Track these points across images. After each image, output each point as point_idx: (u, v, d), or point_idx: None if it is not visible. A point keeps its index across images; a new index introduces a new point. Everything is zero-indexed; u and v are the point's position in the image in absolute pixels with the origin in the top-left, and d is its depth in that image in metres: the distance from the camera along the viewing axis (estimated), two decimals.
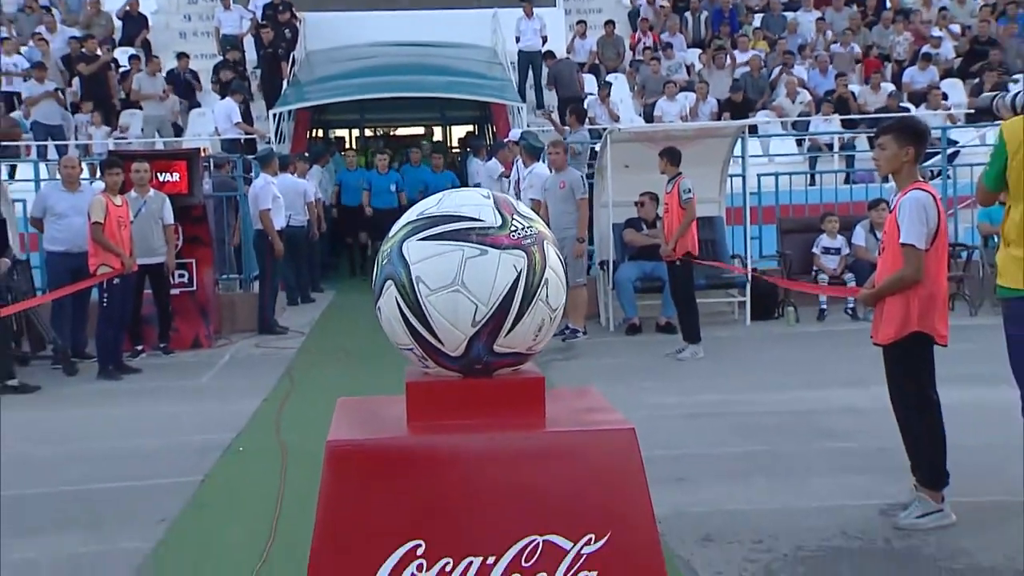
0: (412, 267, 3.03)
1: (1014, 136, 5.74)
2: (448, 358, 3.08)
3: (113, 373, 12.16)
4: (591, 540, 2.91)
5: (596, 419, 3.20)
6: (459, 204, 3.13)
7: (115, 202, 12.36)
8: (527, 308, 3.03)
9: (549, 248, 3.15)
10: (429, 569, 2.86)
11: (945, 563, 5.87)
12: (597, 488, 2.98)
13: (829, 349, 12.38)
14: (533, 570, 2.89)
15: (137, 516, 7.10)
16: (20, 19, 23.10)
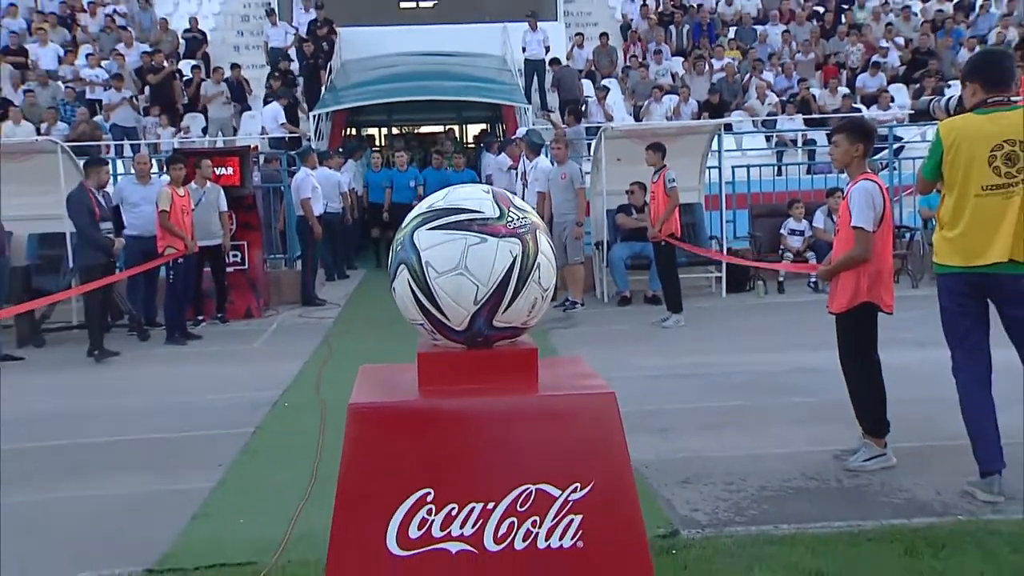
0: (422, 253, 3.03)
1: (948, 134, 5.75)
2: (453, 332, 3.08)
3: (178, 339, 12.33)
4: (577, 488, 2.91)
5: (582, 384, 3.18)
6: (463, 198, 3.13)
7: (179, 193, 12.48)
8: (522, 288, 3.03)
9: (541, 236, 3.14)
10: (437, 513, 2.86)
11: (887, 499, 5.97)
12: (582, 444, 2.97)
13: (792, 317, 12.42)
14: (527, 514, 2.89)
15: (200, 460, 7.25)
16: (101, 37, 23.21)
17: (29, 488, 6.82)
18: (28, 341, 12.35)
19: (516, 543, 2.89)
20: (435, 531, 2.86)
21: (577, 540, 2.90)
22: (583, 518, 2.91)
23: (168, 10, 25.11)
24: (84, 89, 21.36)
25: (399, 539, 2.85)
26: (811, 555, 5.05)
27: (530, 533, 2.89)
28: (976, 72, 5.86)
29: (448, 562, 2.86)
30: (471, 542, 2.87)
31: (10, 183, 12.10)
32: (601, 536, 2.90)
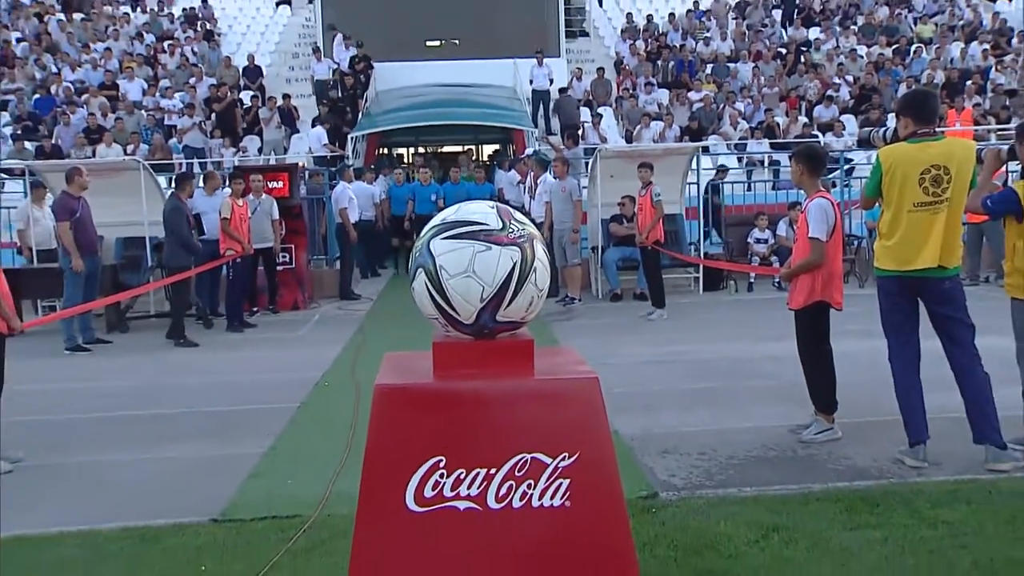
0: (437, 258, 3.05)
1: (887, 160, 5.80)
2: (463, 325, 3.10)
3: (237, 327, 12.39)
4: (566, 457, 2.94)
5: (571, 369, 3.19)
6: (471, 212, 3.15)
7: (238, 203, 12.51)
8: (520, 289, 3.05)
9: (537, 245, 3.16)
10: (448, 476, 2.91)
11: (833, 465, 6.01)
12: (570, 420, 2.99)
13: (758, 312, 12.39)
14: (523, 478, 2.92)
15: (254, 430, 7.30)
16: (177, 73, 23.37)
17: (113, 450, 6.94)
18: (115, 327, 12.45)
19: (514, 502, 2.92)
20: (446, 491, 2.90)
21: (565, 500, 2.93)
22: (571, 481, 2.94)
23: (232, 49, 25.24)
24: (163, 116, 21.49)
25: (416, 498, 2.89)
26: (769, 513, 5.10)
27: (526, 494, 2.93)
28: (908, 108, 5.91)
29: (457, 517, 2.90)
30: (476, 501, 2.91)
31: (101, 195, 12.18)
32: (586, 496, 2.93)
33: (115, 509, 5.61)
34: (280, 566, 4.57)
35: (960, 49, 24.44)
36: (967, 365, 5.82)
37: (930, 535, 4.76)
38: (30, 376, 8.91)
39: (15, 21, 26.01)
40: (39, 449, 6.90)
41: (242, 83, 23.27)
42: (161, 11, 26.86)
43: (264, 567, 4.54)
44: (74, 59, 23.85)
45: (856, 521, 4.96)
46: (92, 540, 5.11)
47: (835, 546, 4.65)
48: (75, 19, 26.02)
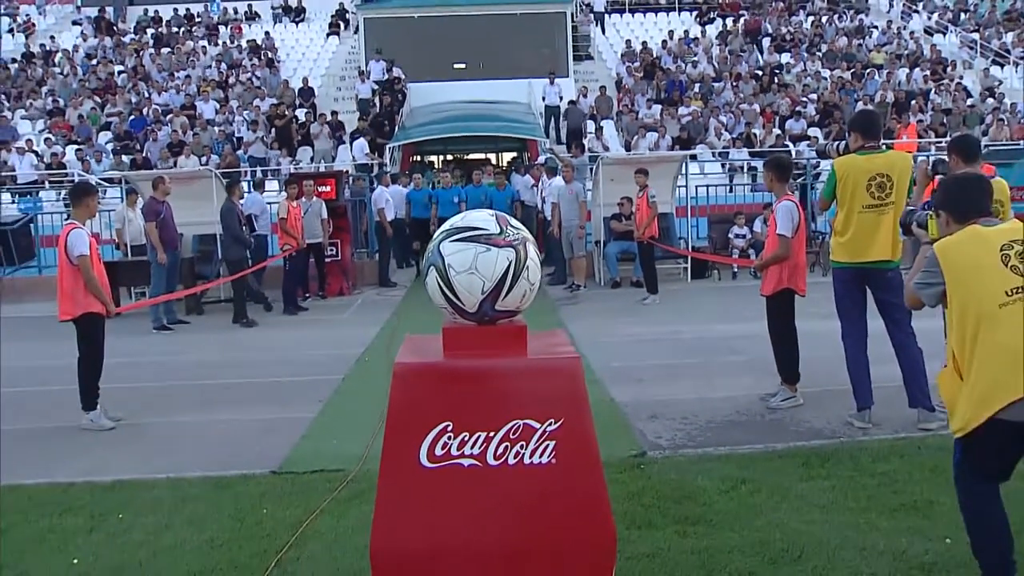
0: (445, 258, 3.07)
1: (841, 168, 5.84)
2: (467, 313, 3.12)
3: (292, 310, 12.44)
4: (552, 423, 2.97)
5: (558, 350, 3.20)
6: (474, 219, 3.17)
7: (293, 205, 12.58)
8: (515, 283, 3.06)
9: (530, 247, 3.16)
10: (455, 439, 2.96)
11: (794, 428, 6.07)
12: (556, 392, 3.02)
13: (737, 298, 12.22)
14: (517, 440, 2.96)
15: (306, 397, 7.36)
16: (243, 94, 23.40)
17: (192, 412, 7.08)
18: (192, 310, 12.58)
19: (509, 459, 2.97)
20: (452, 451, 2.96)
21: (552, 458, 2.97)
22: (556, 443, 2.98)
23: (289, 73, 25.27)
24: (232, 131, 21.61)
25: (428, 456, 2.95)
26: (738, 468, 5.17)
27: (519, 453, 2.97)
28: (857, 126, 5.96)
29: (461, 473, 2.95)
30: (478, 459, 2.96)
31: (181, 199, 12.28)
32: (568, 455, 2.97)
33: (194, 460, 5.76)
34: (327, 511, 4.68)
35: (906, 74, 24.31)
36: (905, 342, 5.88)
37: (870, 483, 4.85)
38: (125, 351, 9.03)
39: (117, 57, 26.26)
40: (134, 410, 7.06)
41: (297, 102, 23.29)
42: (232, 43, 27.00)
43: (314, 512, 4.64)
44: (161, 85, 24.04)
45: (811, 474, 5.03)
46: (177, 485, 5.26)
47: (792, 494, 4.72)
48: (163, 52, 26.22)
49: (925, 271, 3.50)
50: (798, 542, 4.09)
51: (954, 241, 3.43)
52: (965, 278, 3.34)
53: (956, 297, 3.36)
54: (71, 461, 5.85)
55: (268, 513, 4.71)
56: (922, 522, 4.29)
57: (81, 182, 8.52)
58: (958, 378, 3.38)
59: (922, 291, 3.50)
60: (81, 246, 6.44)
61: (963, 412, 3.32)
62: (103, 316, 6.65)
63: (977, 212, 3.49)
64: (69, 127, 22.24)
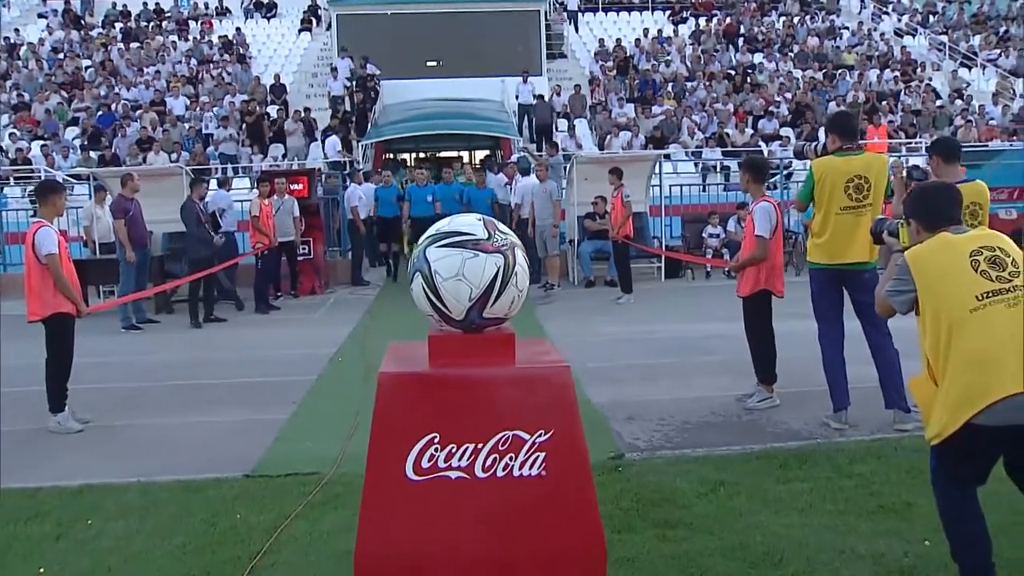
0: (431, 264, 3.01)
1: (818, 170, 5.84)
2: (454, 321, 3.06)
3: (263, 309, 12.31)
4: (542, 434, 2.91)
5: (546, 359, 3.14)
6: (461, 224, 3.11)
7: (265, 203, 12.43)
8: (504, 290, 3.00)
9: (518, 252, 3.11)
10: (442, 450, 2.89)
11: (771, 429, 6.05)
12: (546, 402, 2.96)
13: (711, 297, 12.30)
14: (506, 452, 2.91)
15: (279, 398, 7.24)
16: (214, 90, 23.13)
17: (163, 414, 6.96)
18: (162, 309, 12.40)
19: (497, 472, 2.91)
20: (440, 463, 2.89)
21: (541, 470, 2.92)
22: (546, 455, 2.92)
23: (260, 70, 24.99)
24: (201, 127, 21.35)
25: (414, 468, 2.88)
26: (716, 470, 5.14)
27: (508, 465, 2.91)
28: (834, 127, 5.97)
29: (449, 485, 2.89)
30: (465, 471, 2.90)
31: (151, 196, 12.11)
32: (558, 467, 2.92)
33: (165, 463, 5.65)
34: (302, 516, 4.60)
35: (876, 75, 24.55)
36: (881, 343, 5.89)
37: (847, 484, 4.84)
38: (93, 350, 8.85)
39: (85, 51, 25.86)
40: (103, 412, 6.92)
41: (269, 99, 23.06)
42: (202, 39, 26.68)
43: (289, 517, 4.56)
44: (130, 80, 23.70)
45: (788, 476, 5.02)
46: (147, 489, 5.15)
47: (771, 497, 4.70)
48: (132, 47, 25.86)
49: (896, 279, 3.51)
50: (778, 546, 4.07)
51: (924, 249, 3.46)
52: (936, 285, 3.36)
53: (928, 304, 3.37)
54: (38, 465, 5.72)
55: (241, 518, 4.62)
56: (900, 524, 4.29)
57: (48, 180, 8.38)
58: (932, 384, 3.38)
59: (893, 298, 3.52)
60: (49, 245, 6.30)
61: (939, 418, 3.32)
62: (73, 316, 6.52)
63: (947, 220, 3.52)
64: (35, 122, 21.88)
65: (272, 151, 20.70)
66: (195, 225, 11.32)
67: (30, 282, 6.38)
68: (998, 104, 22.73)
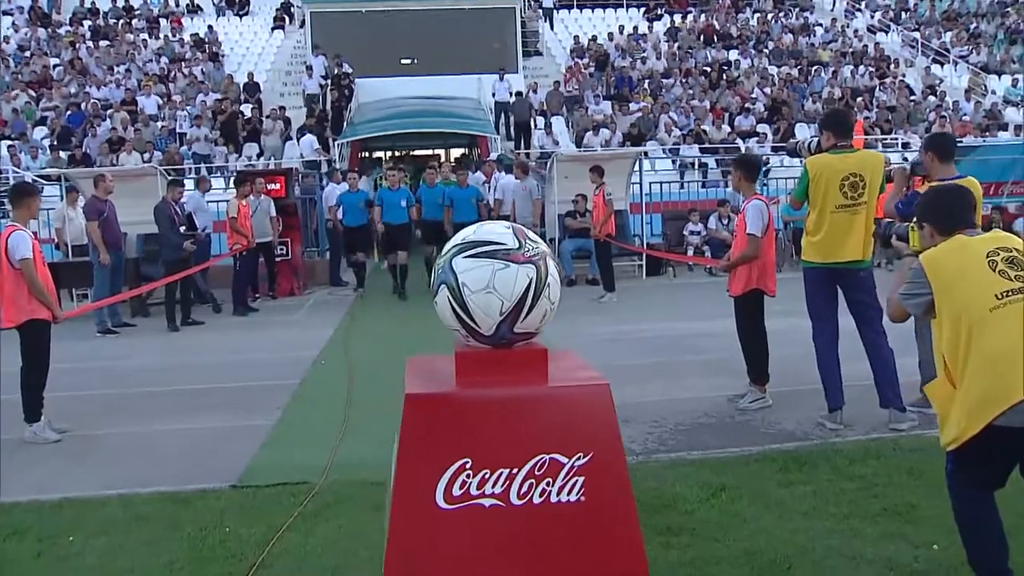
0: (459, 276, 2.89)
1: (813, 167, 5.77)
2: (483, 336, 2.95)
3: (242, 311, 12.06)
4: (580, 457, 2.80)
5: (583, 376, 3.02)
6: (489, 232, 2.99)
7: (243, 203, 12.22)
8: (536, 303, 2.90)
9: (550, 262, 3.00)
10: (474, 477, 2.76)
11: (766, 430, 5.98)
12: (584, 423, 2.84)
13: (694, 294, 12.28)
14: (542, 477, 2.79)
15: (263, 404, 7.09)
16: (186, 89, 22.76)
17: (143, 422, 6.76)
18: (138, 312, 12.14)
19: (534, 498, 2.78)
20: (472, 490, 2.76)
21: (580, 496, 2.80)
22: (585, 479, 2.81)
23: (233, 68, 24.65)
24: (175, 126, 21.04)
25: (445, 496, 2.74)
26: (715, 474, 5.05)
27: (545, 491, 2.79)
28: (830, 125, 5.90)
29: (482, 513, 2.76)
30: (500, 498, 2.77)
31: (124, 197, 11.86)
32: (599, 492, 2.80)
33: (148, 474, 5.48)
34: (293, 528, 4.46)
35: (851, 71, 24.68)
36: (876, 342, 5.84)
37: (849, 487, 4.77)
38: (69, 356, 8.65)
39: (53, 49, 25.39)
40: (81, 421, 6.72)
41: (242, 97, 22.77)
42: (173, 37, 26.29)
43: (280, 529, 4.42)
44: (100, 79, 23.30)
45: (789, 479, 4.94)
46: (130, 502, 4.98)
47: (773, 501, 4.62)
48: (101, 45, 25.43)
49: (911, 282, 3.45)
50: (785, 552, 3.99)
51: (940, 251, 3.42)
52: (955, 286, 3.31)
53: (946, 306, 3.32)
54: (15, 478, 5.52)
55: (231, 531, 4.46)
56: (906, 527, 4.22)
57: (21, 182, 8.13)
58: (950, 387, 3.32)
59: (908, 302, 3.46)
60: (23, 249, 6.10)
61: (957, 421, 3.25)
62: (49, 322, 6.32)
63: (962, 223, 3.48)
64: (2, 122, 21.44)
65: (247, 150, 20.42)
66: (168, 227, 11.08)
67: (3, 288, 6.17)
68: (971, 100, 22.93)
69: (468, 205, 13.16)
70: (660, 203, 16.12)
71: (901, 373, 5.88)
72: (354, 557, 4.07)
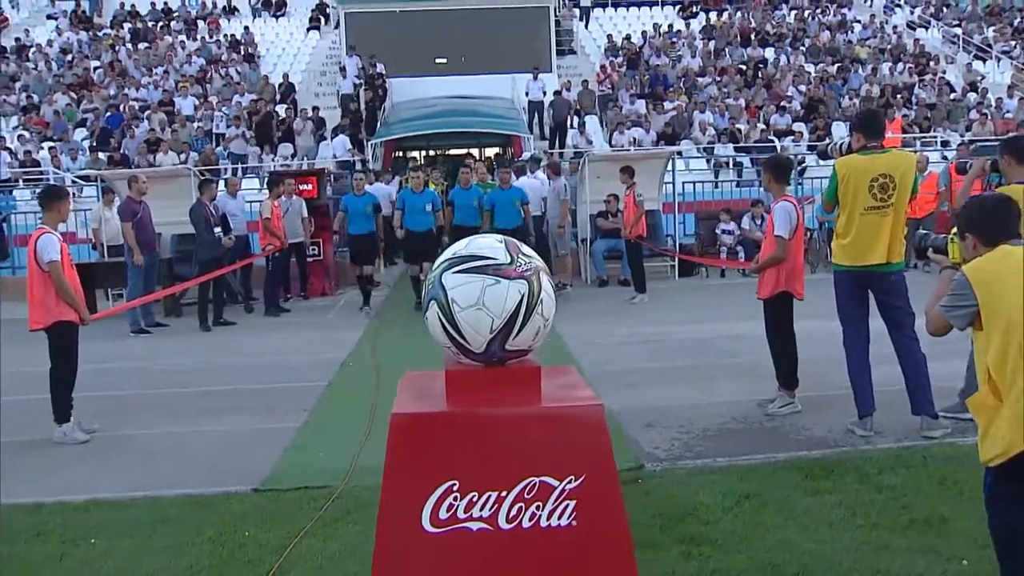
0: (448, 292, 2.83)
1: (842, 169, 5.66)
2: (473, 354, 2.88)
3: (273, 312, 12.11)
4: (572, 480, 2.73)
5: (576, 396, 2.93)
6: (481, 247, 2.92)
7: (276, 204, 12.28)
8: (528, 319, 2.83)
9: (543, 276, 2.93)
10: (461, 499, 2.70)
11: (795, 436, 5.88)
12: (576, 445, 2.76)
13: (726, 297, 12.07)
14: (532, 500, 2.73)
15: (290, 405, 7.11)
16: (223, 90, 23.01)
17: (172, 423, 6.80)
18: (171, 312, 12.26)
19: (523, 522, 2.71)
20: (459, 513, 2.69)
21: (572, 520, 2.73)
22: (576, 503, 2.74)
23: (269, 69, 24.92)
24: (211, 127, 21.26)
25: (431, 519, 2.68)
26: (740, 481, 4.97)
27: (535, 515, 2.72)
28: (861, 126, 5.78)
29: (470, 538, 2.70)
30: (488, 522, 2.70)
31: (159, 198, 11.97)
32: (591, 517, 2.73)
33: (173, 476, 5.52)
34: (312, 533, 4.45)
35: (889, 67, 24.26)
36: (908, 347, 5.71)
37: (877, 498, 4.66)
38: (101, 356, 8.77)
39: (94, 52, 25.78)
40: (111, 421, 6.78)
41: (278, 98, 22.95)
42: (210, 38, 26.60)
43: (298, 535, 4.40)
44: (138, 81, 23.62)
45: (815, 487, 4.84)
46: (155, 504, 5.01)
47: (799, 510, 4.53)
48: (140, 47, 25.78)
49: (953, 294, 3.34)
50: (810, 564, 3.89)
51: (986, 261, 3.30)
52: (1002, 296, 3.19)
53: (994, 316, 3.20)
54: (42, 479, 5.58)
55: (251, 536, 4.47)
56: (935, 540, 4.11)
57: (52, 186, 8.21)
58: (995, 400, 3.20)
59: (951, 314, 3.35)
60: (51, 252, 6.15)
61: (1003, 436, 3.13)
62: (76, 324, 6.38)
63: (1006, 234, 3.36)
64: (44, 123, 21.80)
65: (281, 151, 20.57)
66: (204, 227, 11.17)
67: (32, 290, 6.24)
68: (1014, 96, 22.42)
69: (511, 209, 11.44)
70: (694, 203, 15.93)
71: (934, 379, 5.73)
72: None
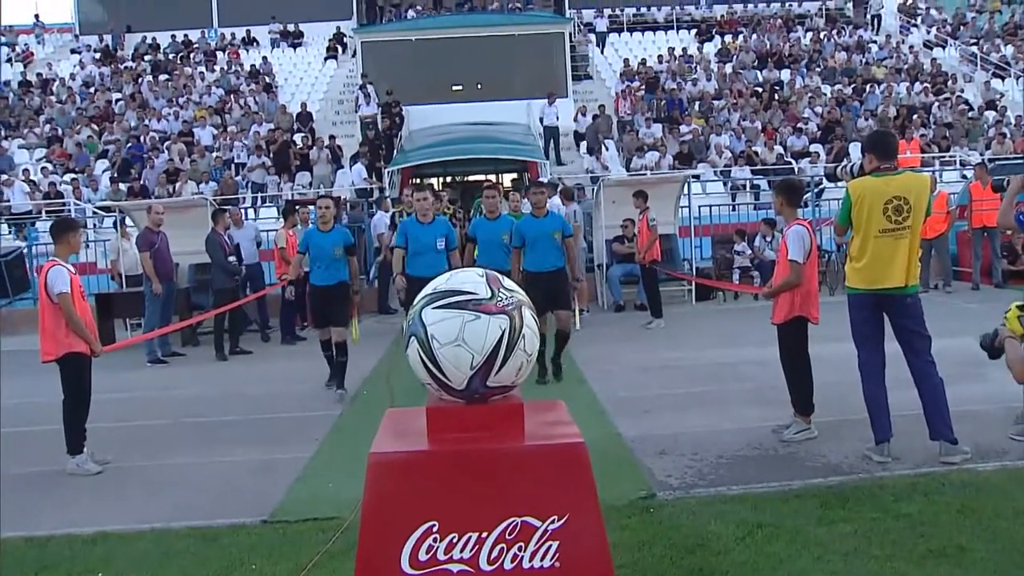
0: (428, 328, 2.79)
1: (855, 191, 5.58)
2: (454, 391, 2.83)
3: (290, 340, 12.16)
4: (555, 520, 2.67)
5: (559, 433, 2.87)
6: (461, 282, 2.87)
7: (291, 233, 12.34)
8: (510, 355, 2.77)
9: (526, 311, 2.87)
10: (441, 540, 2.65)
11: (810, 463, 5.77)
12: (559, 484, 2.70)
13: (743, 321, 11.96)
14: (514, 541, 2.67)
15: (302, 435, 7.09)
16: (242, 120, 23.26)
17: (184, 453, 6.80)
18: (188, 341, 12.33)
19: (505, 564, 2.65)
20: (439, 555, 2.63)
21: (555, 561, 2.66)
22: (559, 544, 2.67)
23: (287, 98, 25.19)
24: (230, 156, 21.45)
25: (411, 561, 2.62)
26: (753, 511, 4.86)
27: (516, 556, 2.66)
28: (873, 147, 5.71)
29: None
30: (469, 564, 2.64)
31: (176, 228, 12.07)
32: (574, 558, 2.66)
33: (183, 507, 5.48)
34: (320, 566, 4.39)
35: (906, 87, 24.17)
36: (924, 371, 5.61)
37: (894, 526, 4.55)
38: (117, 386, 8.80)
39: (115, 84, 26.16)
40: (124, 452, 6.77)
41: (295, 127, 23.17)
42: (229, 68, 26.93)
43: (305, 568, 4.35)
44: (158, 112, 23.93)
45: (830, 516, 4.73)
46: (163, 537, 4.97)
47: (812, 540, 4.42)
48: (160, 79, 26.14)
49: None
50: None
51: None
52: None
53: None
54: (53, 511, 5.57)
55: (257, 569, 4.42)
56: (954, 571, 4.00)
57: (63, 218, 8.28)
58: None
59: None
60: (61, 284, 6.18)
61: None
62: (88, 356, 6.39)
63: None
64: (67, 155, 22.10)
65: (299, 179, 20.70)
66: (221, 257, 11.23)
67: (43, 322, 6.27)
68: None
69: (550, 244, 8.69)
70: (711, 226, 15.89)
71: (952, 403, 5.62)
72: None
